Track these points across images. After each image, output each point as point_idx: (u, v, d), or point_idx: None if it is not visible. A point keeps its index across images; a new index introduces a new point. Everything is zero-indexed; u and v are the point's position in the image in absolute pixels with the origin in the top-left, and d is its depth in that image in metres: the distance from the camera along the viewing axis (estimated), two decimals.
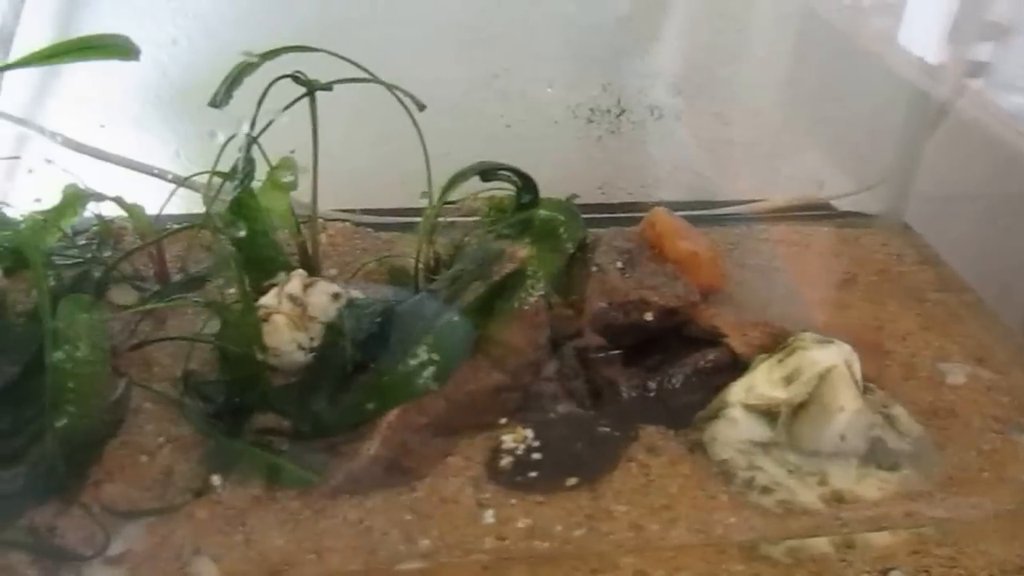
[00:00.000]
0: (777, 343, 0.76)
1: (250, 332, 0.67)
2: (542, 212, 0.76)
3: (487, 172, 0.75)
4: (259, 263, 0.81)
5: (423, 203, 0.84)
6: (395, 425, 0.66)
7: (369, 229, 0.94)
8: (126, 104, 0.98)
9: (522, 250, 0.74)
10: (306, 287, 0.74)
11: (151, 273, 0.85)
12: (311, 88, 0.80)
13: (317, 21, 0.96)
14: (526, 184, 0.76)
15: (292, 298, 0.73)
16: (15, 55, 0.92)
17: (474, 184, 0.83)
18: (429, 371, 0.68)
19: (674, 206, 0.99)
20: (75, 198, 0.77)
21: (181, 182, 0.88)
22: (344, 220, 0.95)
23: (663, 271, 0.78)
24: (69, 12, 0.96)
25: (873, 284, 0.93)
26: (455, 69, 1.01)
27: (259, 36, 0.95)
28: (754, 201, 1.10)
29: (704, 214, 1.03)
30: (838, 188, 1.09)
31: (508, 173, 0.76)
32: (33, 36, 0.94)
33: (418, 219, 0.93)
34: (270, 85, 0.80)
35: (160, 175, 0.98)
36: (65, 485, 0.64)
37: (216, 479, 0.66)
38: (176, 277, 0.85)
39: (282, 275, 0.73)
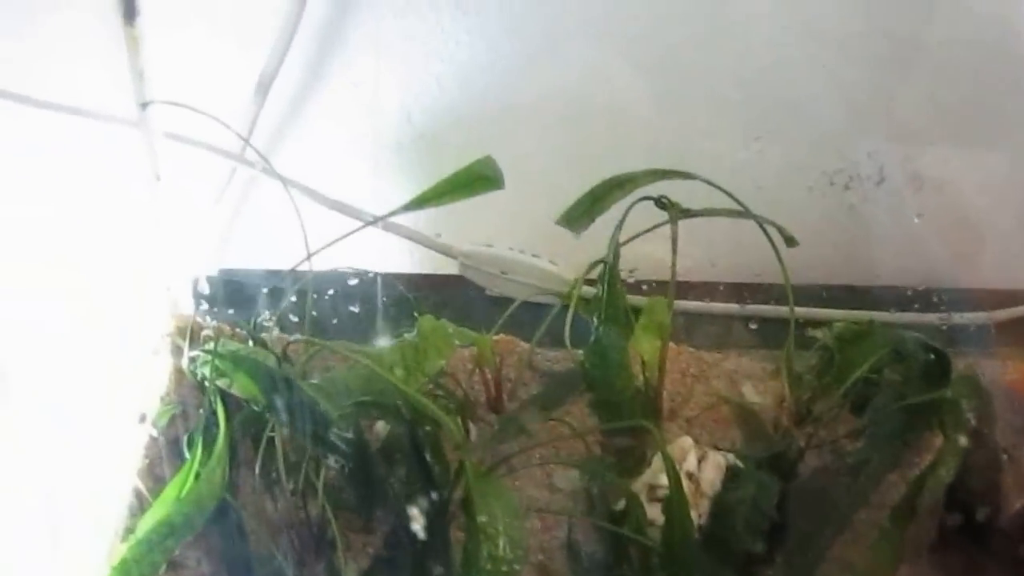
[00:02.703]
0: None
1: (683, 534, 0.61)
2: (949, 392, 0.69)
3: (899, 349, 0.69)
4: (611, 405, 0.76)
5: None
6: None
7: (691, 348, 0.86)
8: (361, 148, 0.93)
9: (937, 439, 0.68)
10: (700, 461, 0.69)
11: (481, 398, 0.79)
12: (675, 215, 0.74)
13: (565, 65, 0.89)
14: (939, 361, 0.70)
15: (689, 475, 0.68)
16: (272, 101, 0.87)
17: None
18: None
19: (927, 294, 0.94)
20: (442, 338, 0.70)
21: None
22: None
23: None
24: (323, 57, 0.89)
25: None
26: (718, 128, 0.94)
27: (513, 85, 0.90)
28: None
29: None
30: None
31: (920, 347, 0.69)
32: (289, 81, 0.87)
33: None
34: (630, 208, 0.74)
35: (445, 250, 0.92)
36: None
37: None
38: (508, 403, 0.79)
39: (687, 447, 0.67)
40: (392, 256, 0.97)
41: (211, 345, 0.65)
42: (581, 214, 0.71)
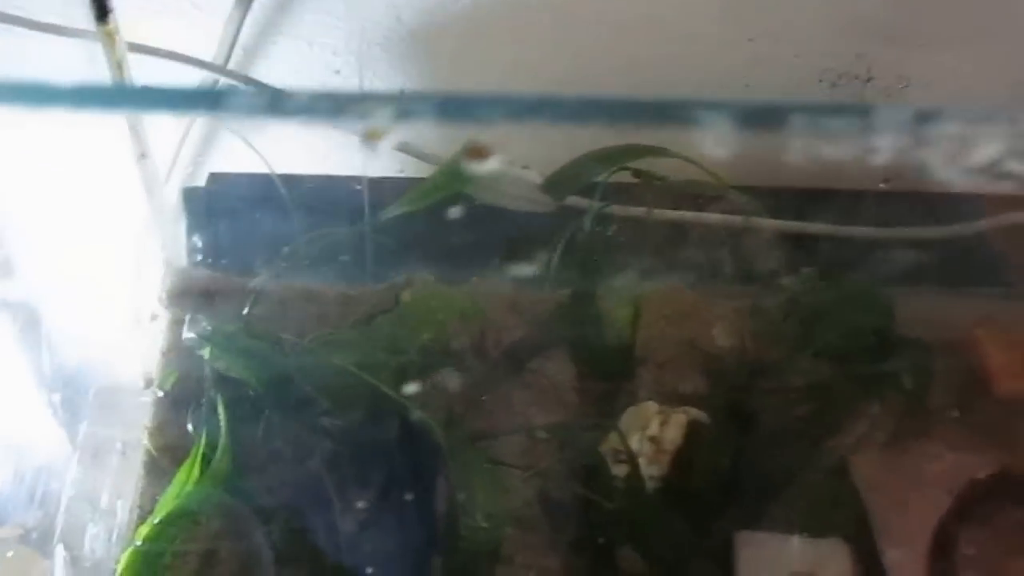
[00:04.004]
0: None
1: (639, 504, 0.68)
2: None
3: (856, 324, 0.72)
4: (588, 357, 0.81)
5: None
6: None
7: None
8: (350, 47, 0.91)
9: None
10: (662, 425, 0.75)
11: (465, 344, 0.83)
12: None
13: None
14: (887, 338, 0.73)
15: (651, 439, 0.74)
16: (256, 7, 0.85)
17: None
18: None
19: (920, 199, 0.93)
20: (429, 314, 0.73)
21: None
22: None
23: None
24: None
25: None
26: (711, 28, 0.92)
27: None
28: None
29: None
30: None
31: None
32: None
33: None
34: (607, 176, 0.75)
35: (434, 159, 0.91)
36: None
37: None
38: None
39: (651, 413, 0.73)
40: (372, 161, 0.98)
41: (208, 323, 0.69)
42: (562, 185, 0.72)
